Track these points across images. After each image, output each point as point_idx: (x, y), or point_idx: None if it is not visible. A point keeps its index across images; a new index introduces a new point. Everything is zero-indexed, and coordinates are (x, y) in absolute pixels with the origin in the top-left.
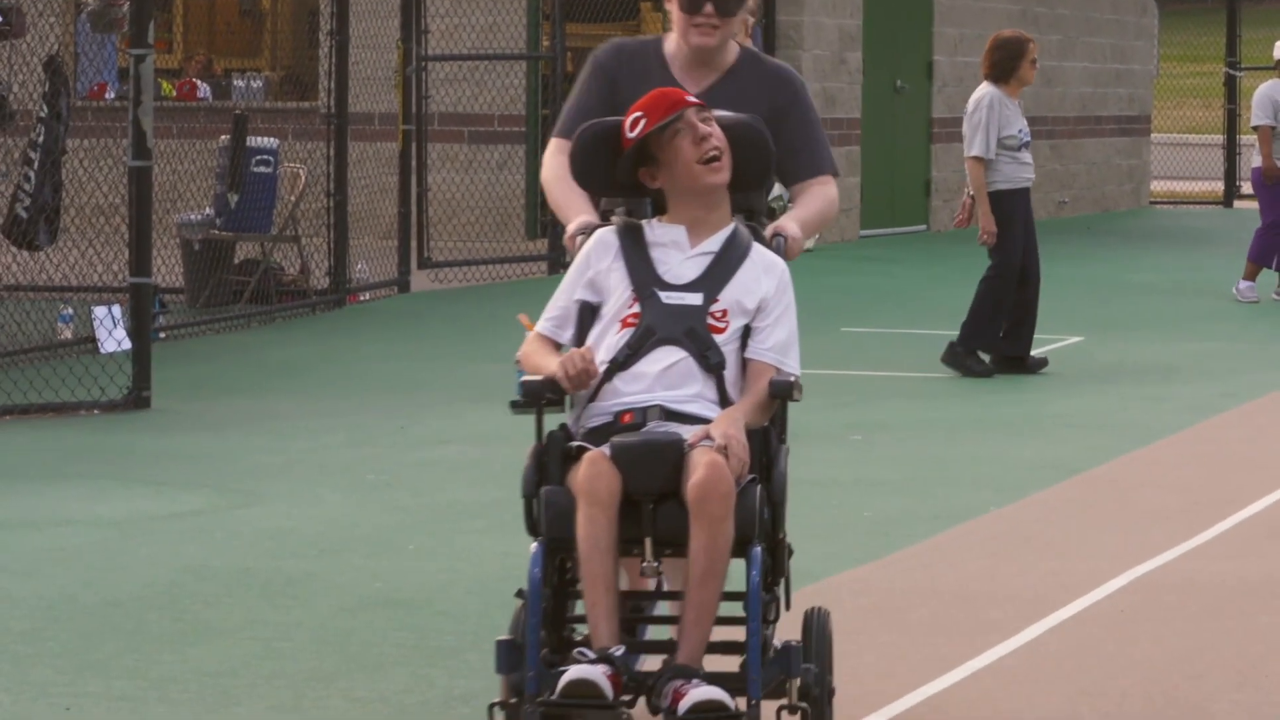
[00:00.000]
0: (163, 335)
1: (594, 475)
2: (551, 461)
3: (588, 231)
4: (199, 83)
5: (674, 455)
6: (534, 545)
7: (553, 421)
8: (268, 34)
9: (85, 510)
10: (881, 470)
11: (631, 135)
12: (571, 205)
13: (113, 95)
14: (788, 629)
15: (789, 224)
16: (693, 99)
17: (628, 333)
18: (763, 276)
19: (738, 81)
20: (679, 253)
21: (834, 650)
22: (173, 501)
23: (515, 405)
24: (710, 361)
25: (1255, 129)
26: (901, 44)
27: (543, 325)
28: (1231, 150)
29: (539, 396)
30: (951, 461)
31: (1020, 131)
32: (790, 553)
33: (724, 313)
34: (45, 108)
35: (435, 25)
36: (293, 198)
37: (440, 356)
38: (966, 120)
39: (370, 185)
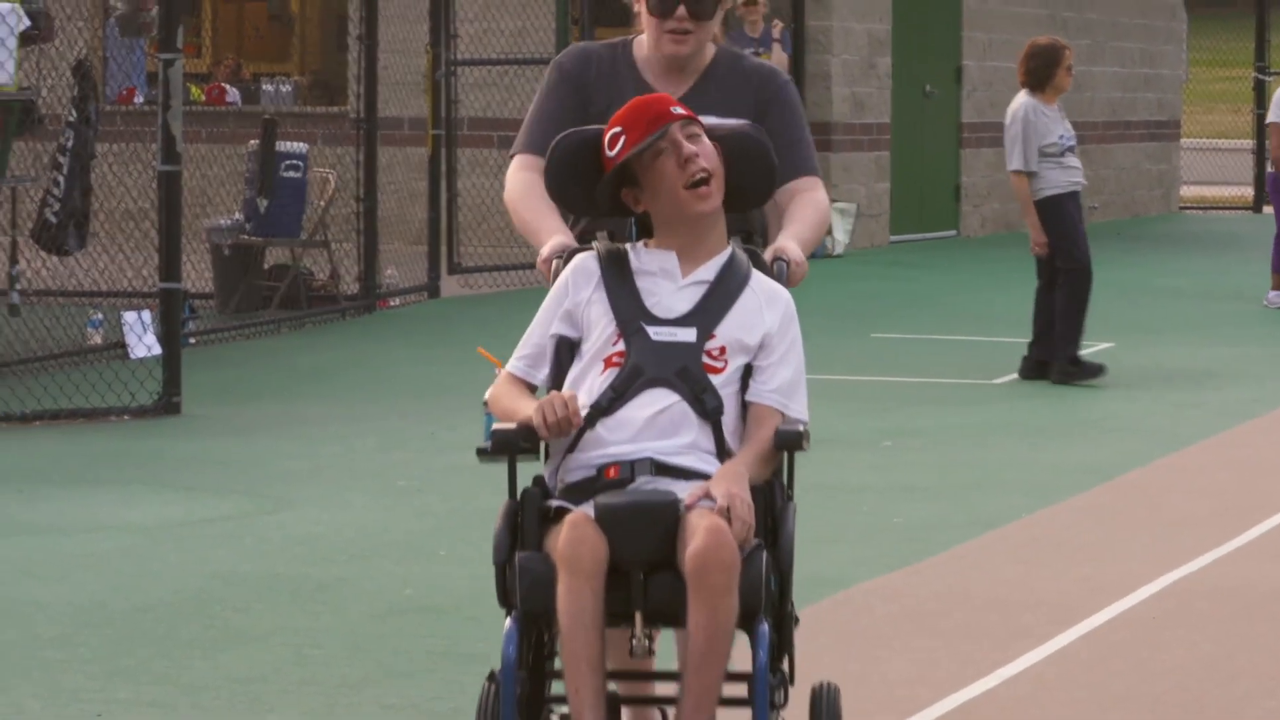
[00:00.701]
0: (192, 340)
1: (577, 541)
2: (527, 523)
3: (564, 256)
4: (228, 87)
5: (668, 518)
6: (507, 620)
7: (525, 473)
8: (296, 38)
9: (115, 516)
10: (913, 476)
11: (611, 154)
12: (543, 224)
13: (141, 100)
14: (793, 704)
15: (789, 245)
16: (679, 109)
17: (612, 373)
18: (765, 308)
19: (717, 82)
20: (669, 282)
21: None
22: (203, 507)
23: (483, 454)
24: (706, 406)
25: (1268, 125)
26: (931, 49)
27: (514, 364)
28: (1261, 155)
29: (513, 446)
30: (982, 467)
31: (1061, 137)
32: (796, 622)
33: (721, 350)
34: (74, 112)
35: (464, 30)
36: (322, 203)
37: (470, 362)
38: (1006, 134)
39: (400, 190)
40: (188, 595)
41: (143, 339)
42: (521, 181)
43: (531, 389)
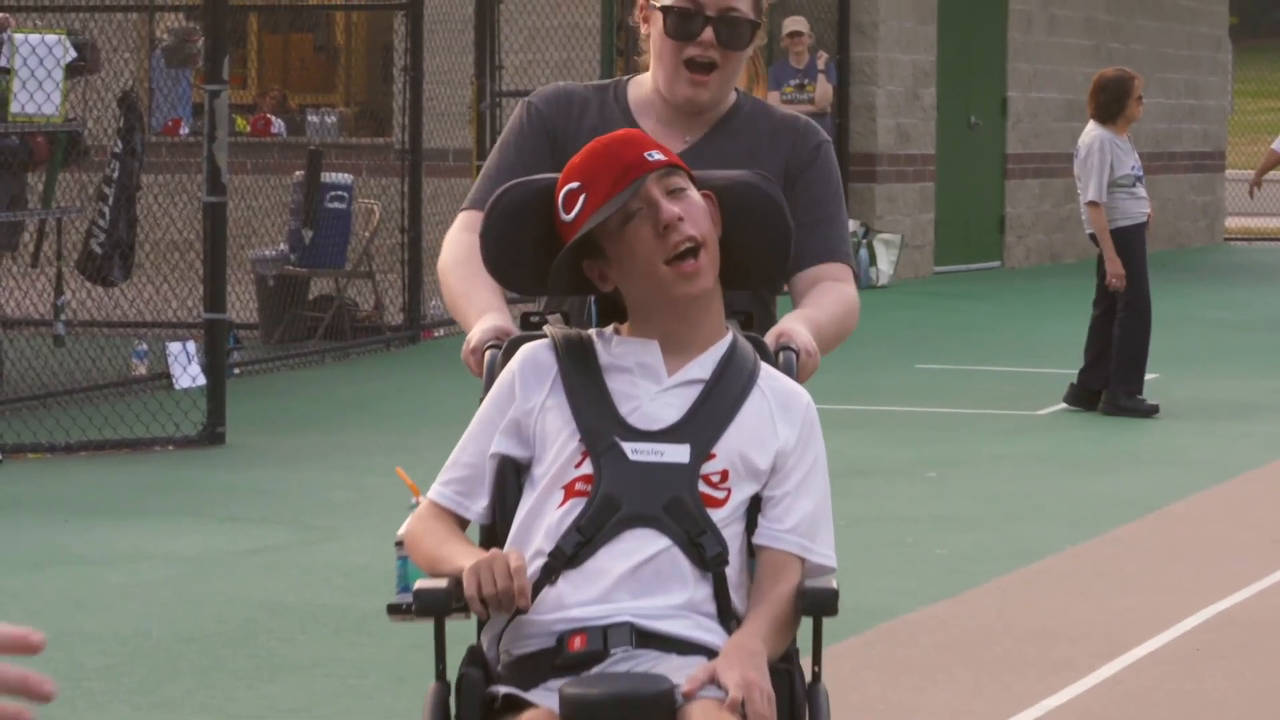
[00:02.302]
0: (237, 371)
1: None
2: (466, 717)
3: (501, 345)
4: (273, 118)
5: (661, 713)
6: None
7: (456, 642)
8: (342, 70)
9: (160, 546)
10: (956, 507)
11: (568, 218)
12: (473, 299)
13: (187, 131)
14: None
15: (796, 329)
16: (657, 153)
17: (576, 507)
18: (778, 417)
19: (736, 135)
20: (651, 382)
21: None
22: (247, 537)
23: (397, 612)
24: (706, 553)
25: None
26: (976, 80)
27: (440, 491)
28: None
29: (442, 609)
30: (1026, 498)
31: (1133, 168)
32: None
33: (723, 475)
34: (120, 143)
35: (509, 61)
36: (367, 234)
37: None
38: (1079, 165)
39: (444, 221)
40: (233, 626)
41: (187, 369)
42: (460, 245)
43: (463, 524)
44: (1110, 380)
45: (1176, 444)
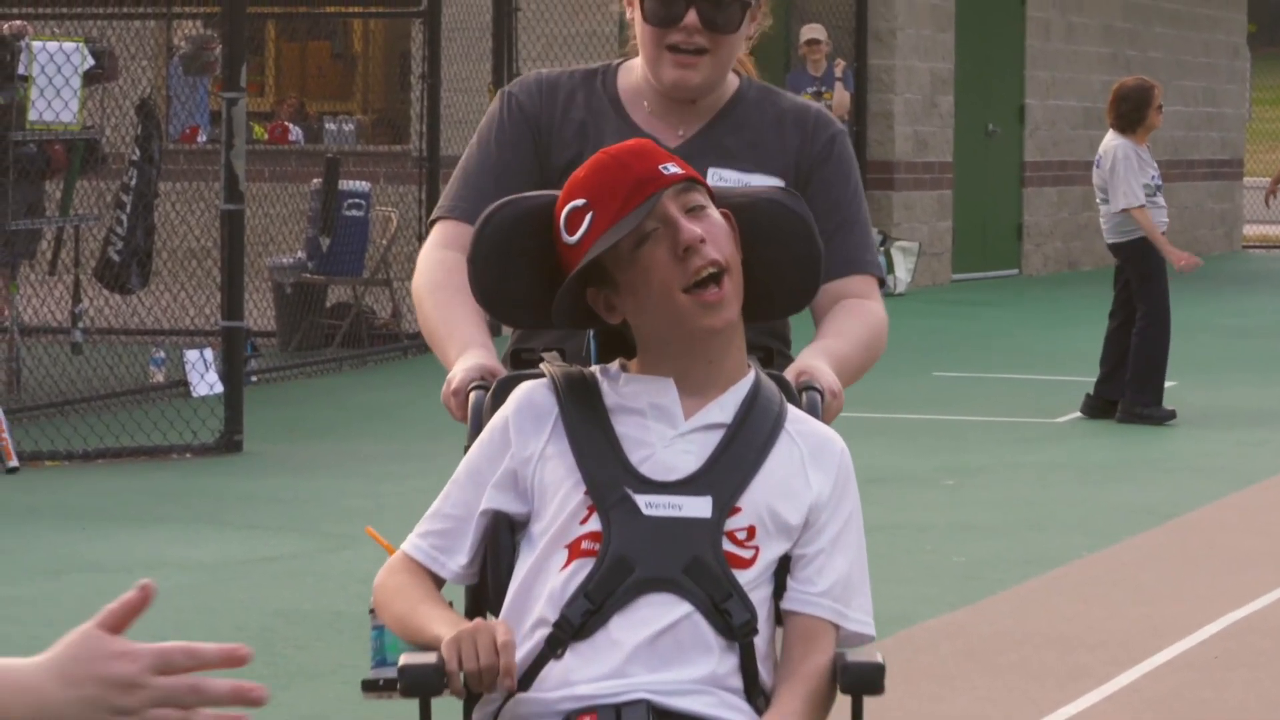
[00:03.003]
0: (254, 379)
1: None
2: None
3: (486, 385)
4: (291, 126)
5: None
6: None
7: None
8: (359, 77)
9: (177, 553)
10: (974, 514)
11: (572, 240)
12: (454, 332)
13: (205, 138)
14: None
15: (818, 366)
16: (673, 167)
17: (584, 569)
18: (810, 465)
19: (739, 127)
20: (666, 425)
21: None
22: (264, 545)
23: (373, 689)
24: (733, 621)
25: None
26: (993, 88)
27: (416, 544)
28: None
29: (430, 688)
30: (1043, 506)
31: (1153, 177)
32: None
33: (750, 531)
34: (138, 151)
35: (527, 68)
36: (384, 241)
37: None
38: (1101, 174)
39: None
40: (250, 633)
41: (205, 377)
42: (437, 264)
43: (439, 583)
44: (1128, 389)
45: (1193, 452)
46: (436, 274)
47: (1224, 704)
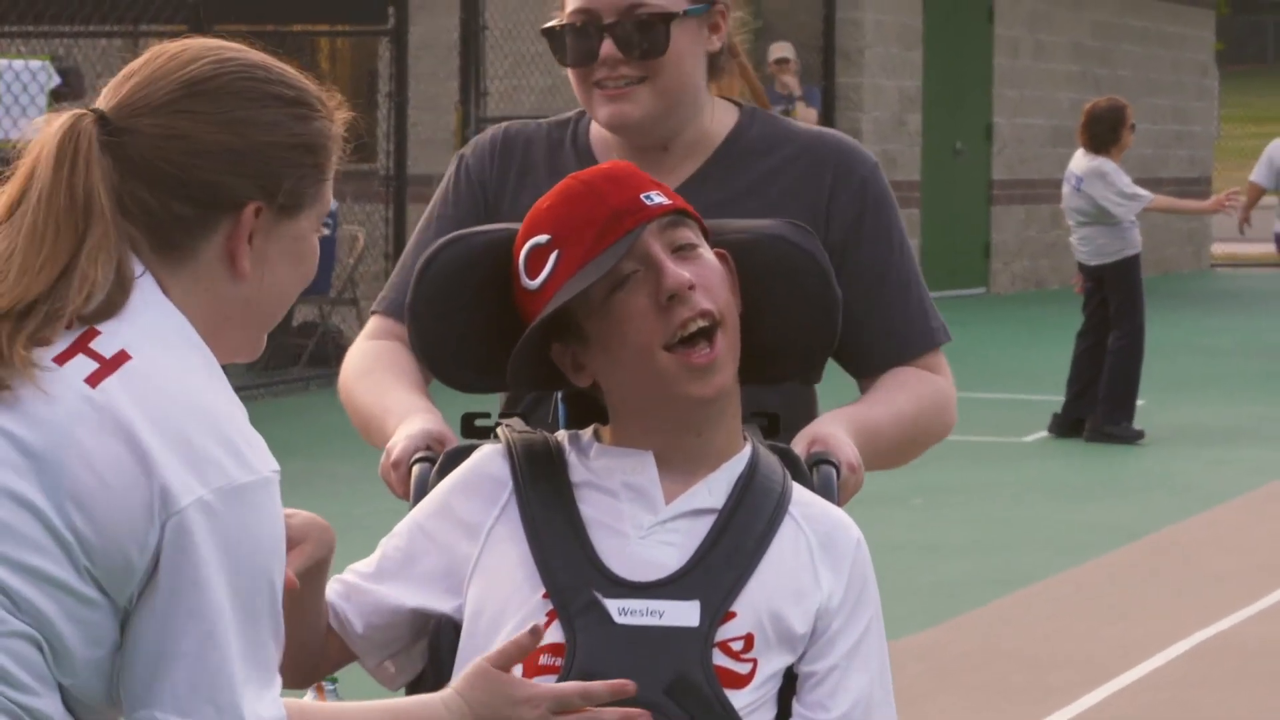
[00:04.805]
0: None
1: None
2: None
3: (434, 456)
4: None
5: None
6: None
7: None
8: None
9: None
10: (943, 534)
11: (533, 285)
12: (389, 405)
13: None
14: None
15: (835, 434)
16: (657, 196)
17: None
18: (819, 560)
19: (735, 170)
20: (641, 510)
21: None
22: None
23: None
24: None
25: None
26: (961, 106)
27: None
28: None
29: None
30: (1014, 525)
31: None
32: None
33: (746, 642)
34: None
35: (494, 87)
36: (351, 260)
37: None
38: (1077, 195)
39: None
40: None
41: None
42: (361, 354)
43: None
44: (1100, 407)
45: (1163, 470)
46: (363, 361)
47: None
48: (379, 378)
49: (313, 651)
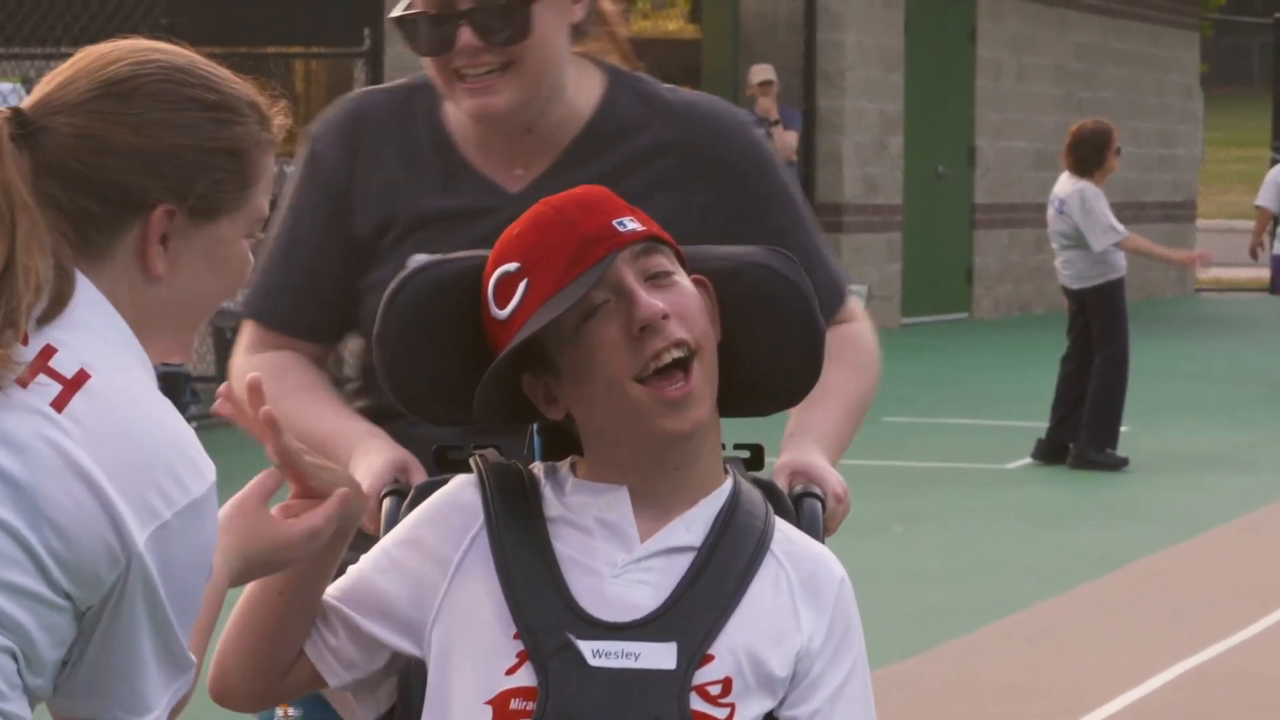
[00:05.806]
0: (194, 424)
1: None
2: None
3: (402, 490)
4: None
5: None
6: None
7: None
8: (301, 117)
9: None
10: (923, 562)
11: (502, 314)
12: (340, 428)
13: None
14: None
15: (819, 462)
16: (631, 222)
17: None
18: (800, 600)
19: (604, 148)
20: (616, 547)
21: None
22: None
23: None
24: None
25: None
26: (943, 129)
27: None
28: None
29: None
30: (995, 552)
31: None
32: None
33: (725, 685)
34: None
35: None
36: None
37: None
38: (1062, 219)
39: None
40: (201, 685)
41: None
42: (264, 370)
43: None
44: (1083, 433)
45: (1147, 497)
46: (271, 383)
47: None
48: (302, 404)
49: (281, 664)
